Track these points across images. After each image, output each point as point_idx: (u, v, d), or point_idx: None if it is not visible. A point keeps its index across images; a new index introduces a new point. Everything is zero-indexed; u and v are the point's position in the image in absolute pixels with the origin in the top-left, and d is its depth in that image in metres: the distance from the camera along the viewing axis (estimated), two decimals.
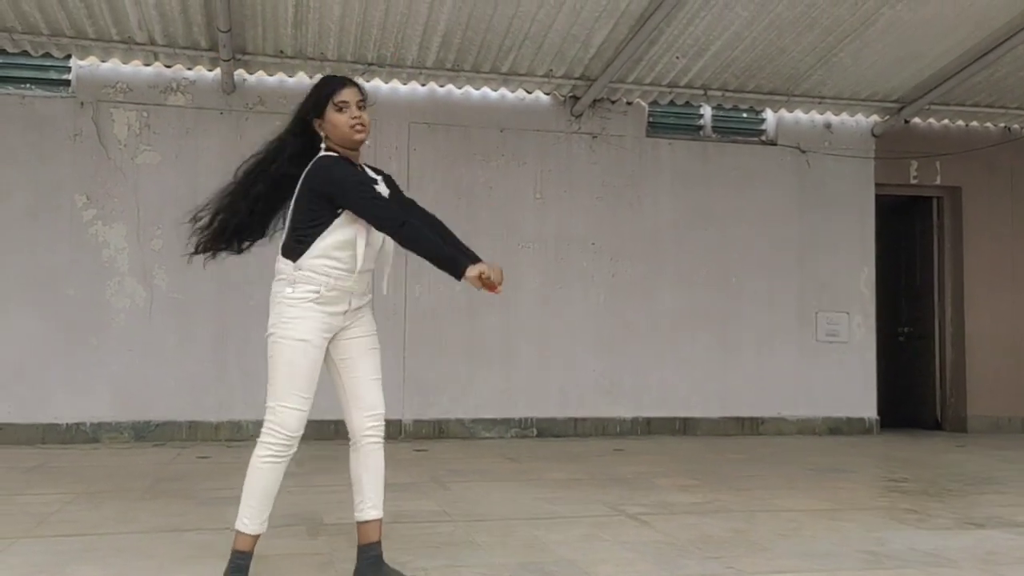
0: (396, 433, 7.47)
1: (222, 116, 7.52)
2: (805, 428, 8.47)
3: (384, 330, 7.34)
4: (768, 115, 8.75)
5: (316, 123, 3.02)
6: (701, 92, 8.19)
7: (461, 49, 7.36)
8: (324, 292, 2.91)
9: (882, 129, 8.83)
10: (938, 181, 9.19)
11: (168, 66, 7.39)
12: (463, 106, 7.99)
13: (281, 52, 7.28)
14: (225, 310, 7.40)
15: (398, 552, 3.39)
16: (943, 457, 6.92)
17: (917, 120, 8.93)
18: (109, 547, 3.53)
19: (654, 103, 8.38)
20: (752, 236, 8.52)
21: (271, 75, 7.51)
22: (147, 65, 7.35)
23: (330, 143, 3.02)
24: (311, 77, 7.47)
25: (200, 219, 3.12)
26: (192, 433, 7.26)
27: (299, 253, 2.92)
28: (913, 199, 9.54)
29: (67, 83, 7.36)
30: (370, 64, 7.48)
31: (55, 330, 7.13)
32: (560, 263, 8.10)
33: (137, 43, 7.08)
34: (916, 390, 9.58)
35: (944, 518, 4.31)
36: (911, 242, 9.78)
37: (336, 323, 2.98)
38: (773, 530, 3.97)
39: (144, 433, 7.19)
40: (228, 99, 7.53)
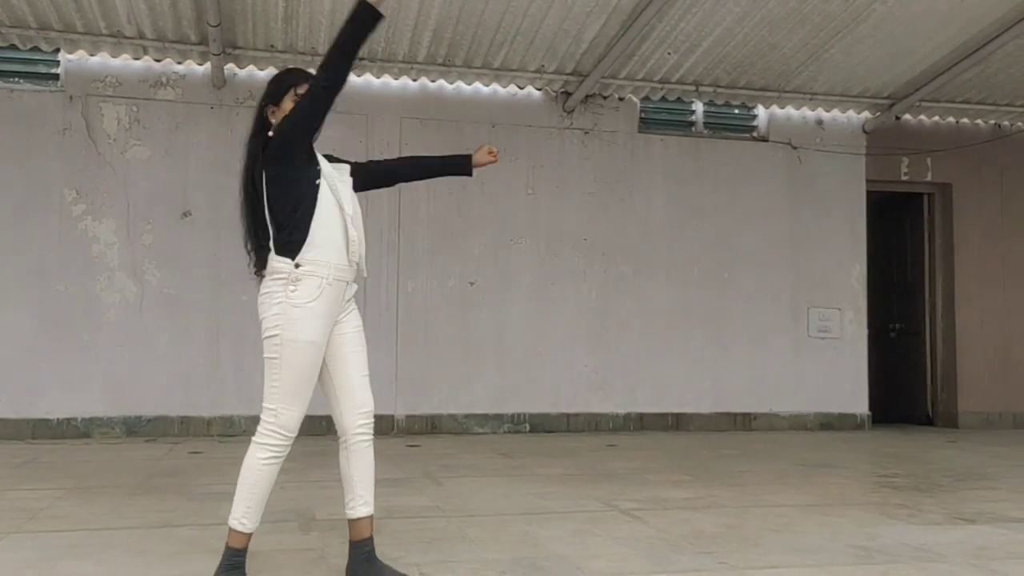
0: (389, 428, 7.46)
1: (212, 111, 7.49)
2: (797, 424, 8.50)
3: (377, 325, 7.44)
4: (760, 111, 8.76)
5: (269, 110, 2.95)
6: (693, 88, 8.20)
7: (452, 44, 7.34)
8: (327, 285, 2.85)
9: (873, 125, 8.85)
10: (929, 178, 9.22)
11: (158, 60, 7.36)
12: (455, 101, 7.98)
13: (272, 46, 7.25)
14: (218, 305, 7.37)
15: (391, 547, 3.38)
16: (934, 453, 6.95)
17: (908, 117, 8.96)
18: (100, 543, 3.51)
19: (646, 99, 8.39)
20: (744, 232, 8.53)
21: (262, 69, 7.47)
22: (136, 59, 7.32)
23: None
24: None
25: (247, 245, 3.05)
26: (184, 428, 7.24)
27: (295, 249, 2.83)
28: (904, 195, 9.57)
29: (56, 77, 7.32)
30: (361, 59, 7.45)
31: (45, 325, 7.09)
32: (552, 259, 8.10)
33: (126, 37, 7.04)
34: (907, 386, 9.61)
35: (935, 513, 4.32)
36: (902, 238, 9.81)
37: (335, 316, 2.94)
38: (765, 525, 3.97)
39: (136, 428, 7.16)
40: (218, 94, 7.50)
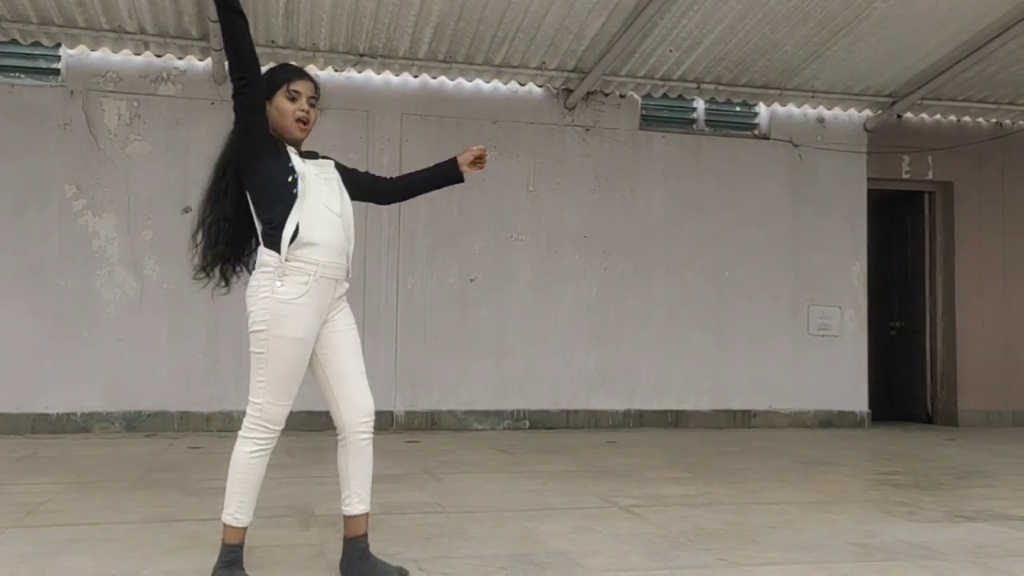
0: (388, 424, 7.46)
1: (213, 106, 7.48)
2: (797, 421, 8.49)
3: (377, 322, 7.45)
4: (761, 109, 8.75)
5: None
6: (694, 85, 8.19)
7: (454, 40, 7.33)
8: (314, 282, 2.81)
9: (874, 124, 8.84)
10: (930, 176, 9.21)
11: (158, 55, 7.35)
12: (456, 98, 7.97)
13: (272, 42, 7.24)
14: (218, 301, 7.25)
15: (390, 543, 3.38)
16: (934, 451, 6.95)
17: (909, 115, 8.95)
18: (99, 537, 3.51)
19: (647, 96, 8.38)
20: (745, 230, 8.53)
21: (262, 65, 7.43)
22: (137, 54, 7.31)
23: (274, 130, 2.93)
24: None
25: (197, 239, 2.96)
26: (184, 424, 7.24)
27: (282, 243, 2.78)
28: (905, 194, 9.56)
29: (56, 72, 7.31)
30: (362, 55, 7.46)
31: (45, 320, 7.09)
32: (553, 256, 8.10)
33: (127, 32, 7.04)
34: (907, 384, 9.61)
35: (934, 511, 4.32)
36: (903, 236, 9.81)
37: (324, 313, 2.89)
38: (764, 522, 3.97)
39: (135, 423, 7.16)
40: (219, 89, 7.48)
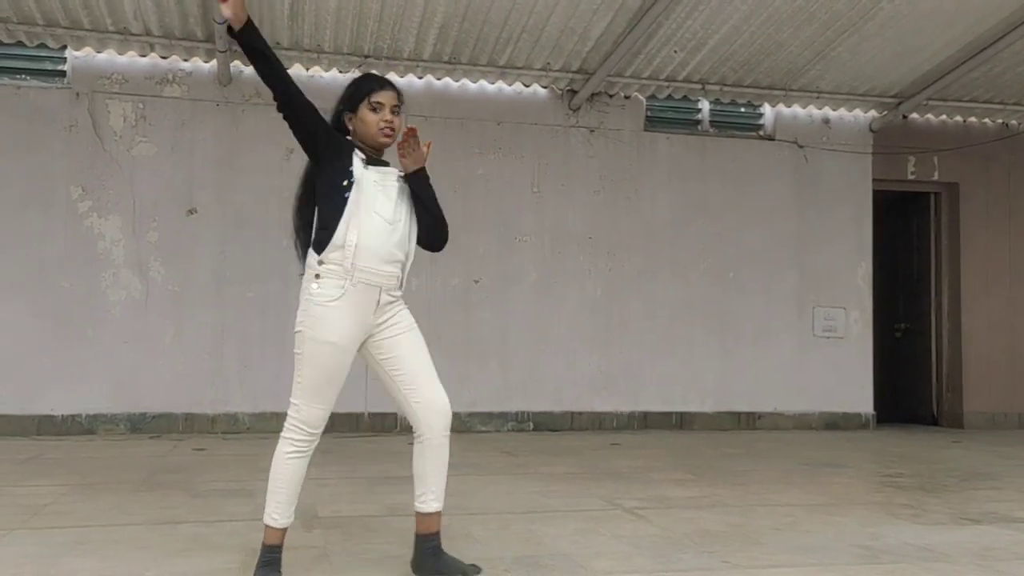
0: (392, 426, 7.46)
1: (218, 108, 7.49)
2: (802, 423, 8.47)
3: None
4: (766, 110, 8.73)
5: (347, 117, 3.00)
6: (699, 86, 8.17)
7: (458, 41, 7.33)
8: (349, 287, 2.83)
9: (880, 124, 8.82)
10: (936, 177, 9.19)
11: (164, 57, 7.36)
12: (460, 99, 7.97)
13: (277, 44, 7.23)
14: (223, 303, 7.38)
15: (395, 545, 3.38)
16: (939, 453, 6.93)
17: (915, 115, 8.92)
18: (103, 539, 3.51)
19: (652, 97, 8.37)
20: (749, 231, 8.51)
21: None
22: (143, 56, 7.33)
23: (355, 139, 3.00)
24: (307, 69, 7.45)
25: (295, 246, 3.04)
26: (188, 425, 7.25)
27: (322, 245, 2.84)
28: (911, 195, 9.53)
29: (62, 74, 7.33)
30: (366, 56, 7.46)
31: (50, 322, 7.11)
32: (557, 257, 8.09)
33: (133, 34, 7.05)
34: (912, 386, 9.58)
35: (940, 513, 4.31)
36: (908, 238, 9.78)
37: (367, 321, 2.90)
38: (769, 524, 3.96)
39: (140, 425, 7.17)
40: (224, 91, 7.50)
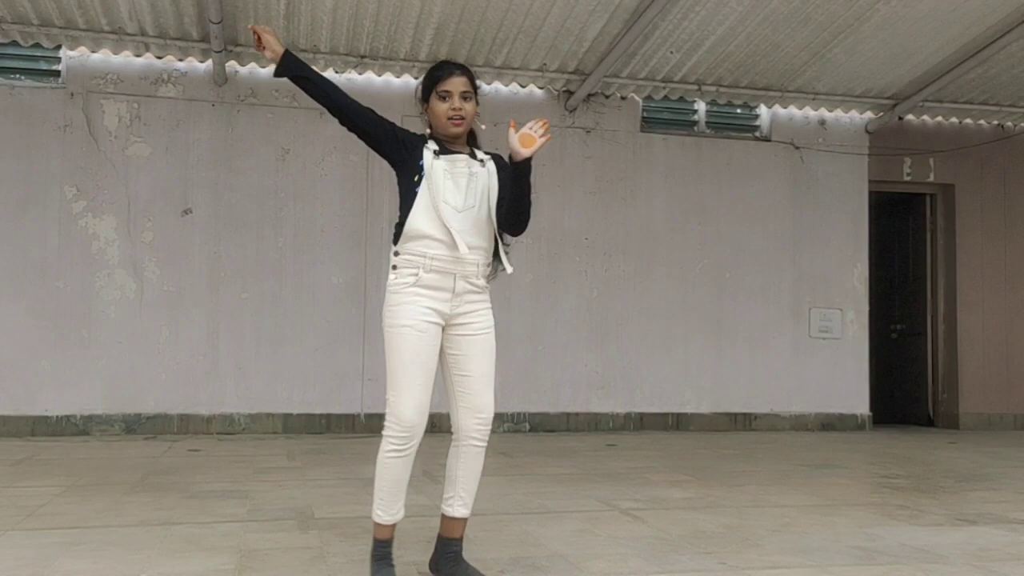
0: None
1: (213, 108, 7.48)
2: (798, 424, 8.48)
3: (377, 323, 7.41)
4: (762, 111, 8.75)
5: (423, 108, 3.00)
6: (695, 87, 8.18)
7: (455, 42, 7.33)
8: (423, 275, 2.84)
9: (876, 126, 8.83)
10: (931, 178, 9.21)
11: (159, 57, 7.35)
12: None
13: None
14: (218, 303, 7.36)
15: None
16: (935, 454, 6.93)
17: (911, 117, 8.94)
18: (98, 540, 3.50)
19: (648, 98, 8.37)
20: (746, 232, 8.52)
21: (263, 67, 7.46)
22: (138, 56, 7.31)
23: (434, 131, 2.98)
24: None
25: None
26: (183, 426, 7.23)
27: (398, 237, 2.89)
28: (906, 196, 9.56)
29: (57, 74, 7.31)
30: (363, 57, 7.45)
31: (44, 322, 7.09)
32: (553, 258, 8.09)
33: (128, 34, 7.03)
34: (908, 387, 9.60)
35: (936, 514, 4.31)
36: (904, 239, 9.80)
37: (443, 308, 2.88)
38: (765, 526, 3.96)
39: (135, 426, 7.15)
40: (220, 91, 7.49)
